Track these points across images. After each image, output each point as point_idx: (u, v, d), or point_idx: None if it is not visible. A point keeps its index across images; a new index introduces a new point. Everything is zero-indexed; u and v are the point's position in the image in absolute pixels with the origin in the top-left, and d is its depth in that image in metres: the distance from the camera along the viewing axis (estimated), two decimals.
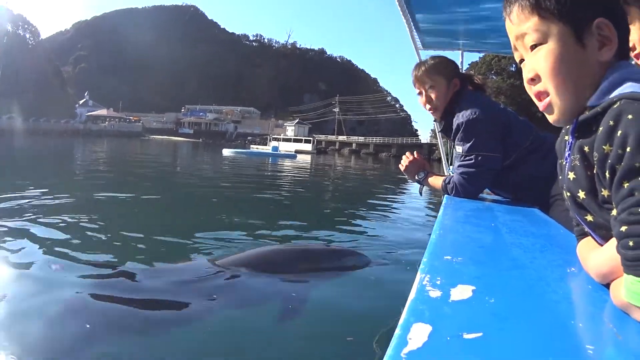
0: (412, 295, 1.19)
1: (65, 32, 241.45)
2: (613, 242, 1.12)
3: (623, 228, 1.03)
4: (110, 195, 17.93)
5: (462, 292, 1.22)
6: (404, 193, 22.70)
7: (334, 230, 11.10)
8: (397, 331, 0.99)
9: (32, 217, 10.76)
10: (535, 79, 1.41)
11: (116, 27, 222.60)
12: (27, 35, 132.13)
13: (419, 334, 0.96)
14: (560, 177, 1.49)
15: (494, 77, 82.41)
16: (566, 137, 1.42)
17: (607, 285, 1.25)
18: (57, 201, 15.29)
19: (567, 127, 1.42)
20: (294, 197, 21.55)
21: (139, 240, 9.67)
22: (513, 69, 75.80)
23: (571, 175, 1.35)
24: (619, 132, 1.07)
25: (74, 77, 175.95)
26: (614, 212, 1.10)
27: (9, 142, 62.86)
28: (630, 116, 1.07)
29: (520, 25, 1.44)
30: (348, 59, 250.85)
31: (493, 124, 3.50)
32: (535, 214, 2.96)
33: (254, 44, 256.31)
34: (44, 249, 8.24)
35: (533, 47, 1.41)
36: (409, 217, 13.60)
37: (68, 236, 9.32)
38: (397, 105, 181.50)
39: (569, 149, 1.37)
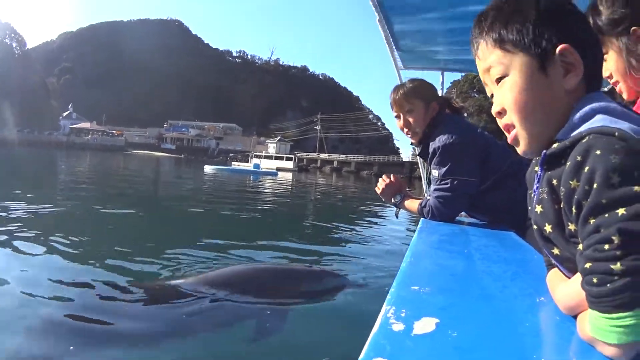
0: (375, 328, 1.18)
1: (52, 43, 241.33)
2: (579, 276, 1.12)
3: (587, 265, 1.03)
4: (89, 209, 17.81)
5: (425, 325, 1.19)
6: (385, 212, 22.89)
7: (314, 250, 10.91)
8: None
9: (10, 229, 10.89)
10: (502, 112, 1.43)
11: (102, 40, 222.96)
12: (14, 44, 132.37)
13: None
14: (529, 208, 1.46)
15: (476, 95, 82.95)
16: (536, 168, 1.41)
17: (576, 316, 1.23)
18: (34, 213, 15.17)
19: (537, 157, 1.39)
20: (275, 215, 21.58)
21: (113, 255, 9.55)
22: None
23: (538, 209, 1.33)
24: (587, 168, 1.07)
25: (58, 88, 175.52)
26: (580, 247, 1.09)
27: None
28: (598, 152, 1.06)
29: (486, 60, 1.46)
30: (330, 76, 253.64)
31: (470, 148, 3.51)
32: (511, 237, 2.97)
33: (237, 60, 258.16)
34: (16, 264, 8.50)
35: (498, 80, 1.42)
36: (390, 236, 13.49)
37: (40, 251, 9.28)
38: (379, 124, 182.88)
39: (538, 181, 1.37)
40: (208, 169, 60.90)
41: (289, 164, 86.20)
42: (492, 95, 1.47)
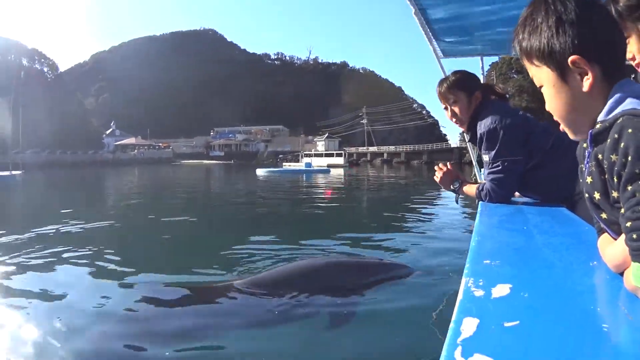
0: (460, 295, 1.39)
1: (84, 64, 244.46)
2: (623, 237, 1.29)
3: (628, 224, 1.21)
4: (147, 220, 19.08)
5: (500, 290, 1.40)
6: (439, 199, 22.67)
7: (375, 241, 11.47)
8: (452, 325, 1.19)
9: (73, 244, 11.33)
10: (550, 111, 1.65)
11: (136, 56, 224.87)
12: (45, 69, 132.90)
13: (469, 326, 1.15)
14: (580, 181, 1.64)
15: (515, 76, 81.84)
16: (584, 145, 1.56)
17: (622, 273, 1.41)
18: (95, 228, 15.47)
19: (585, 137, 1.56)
20: (332, 210, 21.69)
21: (179, 260, 10.10)
22: None
23: (589, 179, 1.50)
24: (622, 144, 1.25)
25: (97, 108, 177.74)
26: (622, 210, 1.27)
27: (38, 175, 63.60)
28: (630, 130, 1.24)
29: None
30: (371, 69, 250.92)
31: (512, 130, 3.63)
32: (563, 213, 3.11)
33: (275, 62, 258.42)
34: (84, 274, 8.90)
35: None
36: (445, 223, 13.97)
37: (106, 262, 9.69)
38: (424, 112, 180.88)
39: (588, 157, 1.51)
40: (260, 172, 61.06)
41: (340, 160, 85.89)
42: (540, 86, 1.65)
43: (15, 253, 10.47)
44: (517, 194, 4.01)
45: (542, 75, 1.59)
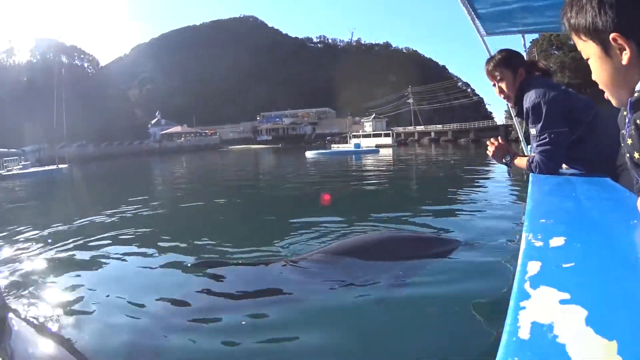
0: (522, 246, 1.72)
1: (125, 58, 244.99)
2: None
3: None
4: (200, 203, 18.90)
5: (557, 241, 1.70)
6: (487, 176, 23.04)
7: (425, 217, 11.77)
8: (518, 268, 1.51)
9: (130, 229, 12.22)
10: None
11: (177, 46, 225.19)
12: (86, 65, 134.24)
13: (533, 267, 1.46)
14: (623, 145, 1.86)
15: (555, 52, 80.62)
16: (624, 112, 1.77)
17: None
18: (151, 213, 16.30)
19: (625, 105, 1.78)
20: (385, 188, 22.39)
21: (236, 239, 10.51)
22: (572, 42, 73.68)
23: (629, 141, 1.71)
24: None
25: (141, 99, 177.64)
26: None
27: (86, 168, 65.23)
28: None
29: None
30: (414, 49, 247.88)
31: (556, 104, 3.87)
32: (607, 182, 3.37)
33: (319, 45, 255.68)
34: (143, 255, 9.64)
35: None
36: (493, 198, 14.31)
37: (161, 245, 10.38)
38: (469, 90, 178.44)
39: (628, 122, 1.72)
40: (309, 154, 61.34)
41: (388, 140, 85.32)
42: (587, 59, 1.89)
43: (64, 241, 11.04)
44: (564, 166, 4.20)
45: (588, 49, 1.80)
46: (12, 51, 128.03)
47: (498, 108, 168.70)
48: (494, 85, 4.49)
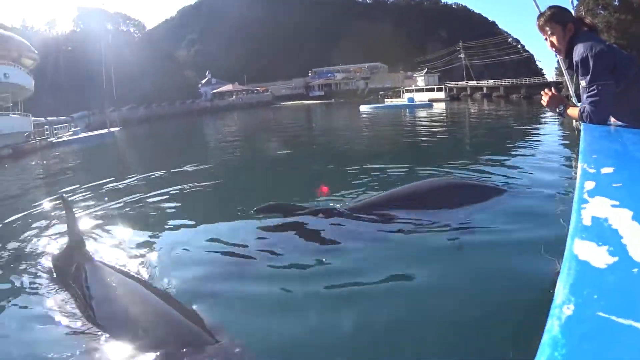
0: (579, 172, 2.09)
1: (172, 20, 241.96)
2: None
3: None
4: (255, 156, 20.90)
5: (607, 170, 2.06)
6: (538, 132, 23.79)
7: (480, 167, 12.77)
8: (577, 185, 1.86)
9: (188, 184, 13.33)
10: None
11: (224, 6, 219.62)
12: (132, 30, 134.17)
13: (589, 185, 1.77)
14: None
15: (602, 12, 79.66)
16: None
17: None
18: (206, 167, 17.60)
19: None
20: (438, 140, 23.49)
21: (296, 188, 11.98)
22: (617, 3, 71.59)
23: None
24: None
25: (190, 59, 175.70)
26: None
27: (138, 129, 65.80)
28: None
29: None
30: (463, 4, 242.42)
31: (602, 57, 4.05)
32: None
33: (367, 0, 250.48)
34: (201, 208, 11.00)
35: None
36: (544, 153, 15.02)
37: (223, 193, 12.11)
38: (519, 46, 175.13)
39: None
40: (363, 108, 62.61)
41: (441, 95, 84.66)
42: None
43: (123, 197, 12.15)
44: (612, 119, 4.39)
45: None
46: (54, 22, 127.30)
47: (548, 64, 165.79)
48: (545, 39, 4.68)
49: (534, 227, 6.70)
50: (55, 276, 6.25)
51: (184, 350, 3.82)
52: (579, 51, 4.17)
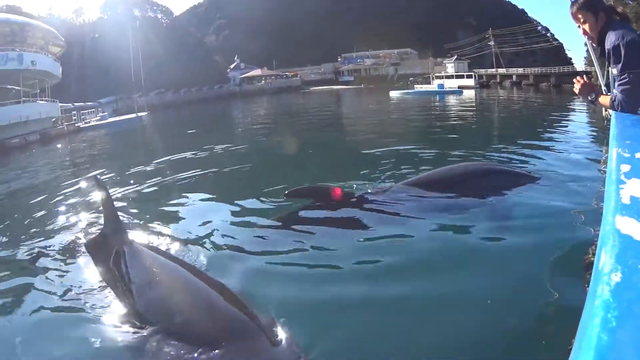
0: (613, 155, 2.19)
1: (199, 6, 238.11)
2: None
3: None
4: (286, 139, 20.90)
5: None
6: (568, 120, 24.61)
7: (510, 154, 13.14)
8: (613, 168, 1.95)
9: (218, 167, 14.07)
10: None
11: None
12: (159, 16, 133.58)
13: (625, 168, 1.88)
14: None
15: (630, 2, 78.85)
16: None
17: None
18: (235, 148, 18.33)
19: None
20: (468, 126, 24.31)
21: (325, 171, 12.47)
22: None
23: None
24: None
25: (219, 45, 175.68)
26: None
27: (166, 114, 67.58)
28: None
29: None
30: None
31: (634, 46, 4.09)
32: None
33: None
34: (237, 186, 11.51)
35: None
36: (573, 141, 15.41)
37: (254, 174, 12.56)
38: (548, 35, 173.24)
39: None
40: (393, 94, 63.12)
41: (470, 82, 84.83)
42: None
43: (151, 179, 12.87)
44: None
45: None
46: (80, 10, 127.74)
47: (578, 54, 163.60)
48: (578, 27, 4.72)
49: (567, 216, 6.97)
50: (93, 261, 6.17)
51: (233, 341, 3.74)
52: (610, 39, 4.24)
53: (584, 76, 5.01)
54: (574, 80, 4.99)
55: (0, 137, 36.86)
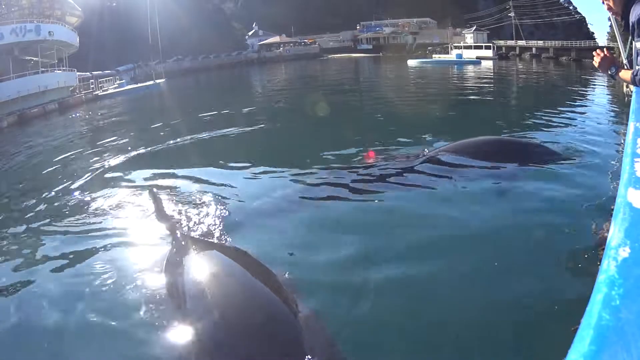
0: (631, 129, 2.39)
1: None
2: None
3: None
4: (301, 107, 21.41)
5: None
6: (587, 96, 24.41)
7: (528, 128, 13.37)
8: (629, 142, 2.06)
9: (238, 129, 14.46)
10: None
11: None
12: None
13: (637, 142, 1.95)
14: None
15: None
16: None
17: None
18: (252, 110, 19.18)
19: None
20: (486, 98, 24.74)
21: (348, 136, 12.64)
22: None
23: None
24: None
25: (237, 12, 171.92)
26: None
27: (183, 80, 68.50)
28: None
29: None
30: None
31: None
32: None
33: None
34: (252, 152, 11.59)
35: None
36: (592, 118, 15.28)
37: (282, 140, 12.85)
38: (570, 8, 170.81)
39: None
40: (411, 62, 63.49)
41: (489, 53, 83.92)
42: None
43: (164, 143, 13.36)
44: None
45: None
46: None
47: (600, 29, 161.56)
48: (603, 2, 4.55)
49: (582, 192, 7.14)
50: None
51: (267, 333, 3.77)
52: (635, 12, 4.05)
53: (605, 49, 4.90)
54: (594, 53, 4.91)
55: (20, 107, 37.80)
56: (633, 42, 4.35)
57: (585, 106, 18.88)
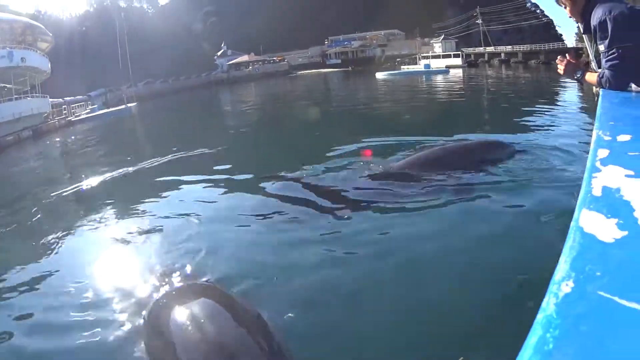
0: (594, 137, 2.16)
1: None
2: None
3: None
4: (275, 124, 21.72)
5: (624, 137, 2.09)
6: (557, 98, 24.41)
7: (496, 132, 13.30)
8: (590, 152, 1.87)
9: (208, 149, 14.47)
10: None
11: None
12: (145, 6, 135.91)
13: (603, 153, 1.82)
14: None
15: None
16: None
17: None
18: (223, 132, 19.35)
19: None
20: (455, 105, 24.13)
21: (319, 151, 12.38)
22: None
23: None
24: None
25: (206, 32, 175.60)
26: None
27: (154, 103, 68.03)
28: None
29: None
30: None
31: (621, 20, 3.94)
32: None
33: None
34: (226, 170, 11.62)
35: None
36: (561, 120, 15.38)
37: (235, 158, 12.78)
38: (538, 11, 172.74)
39: None
40: (380, 75, 63.70)
41: (458, 61, 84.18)
42: None
43: (136, 164, 13.33)
44: (633, 86, 4.22)
45: None
46: (66, 6, 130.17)
47: (568, 30, 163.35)
48: (564, 7, 4.62)
49: (547, 193, 7.13)
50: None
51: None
52: (597, 15, 4.07)
53: (567, 55, 4.86)
54: (557, 60, 4.86)
55: None
56: (596, 45, 4.33)
57: (556, 108, 18.92)
